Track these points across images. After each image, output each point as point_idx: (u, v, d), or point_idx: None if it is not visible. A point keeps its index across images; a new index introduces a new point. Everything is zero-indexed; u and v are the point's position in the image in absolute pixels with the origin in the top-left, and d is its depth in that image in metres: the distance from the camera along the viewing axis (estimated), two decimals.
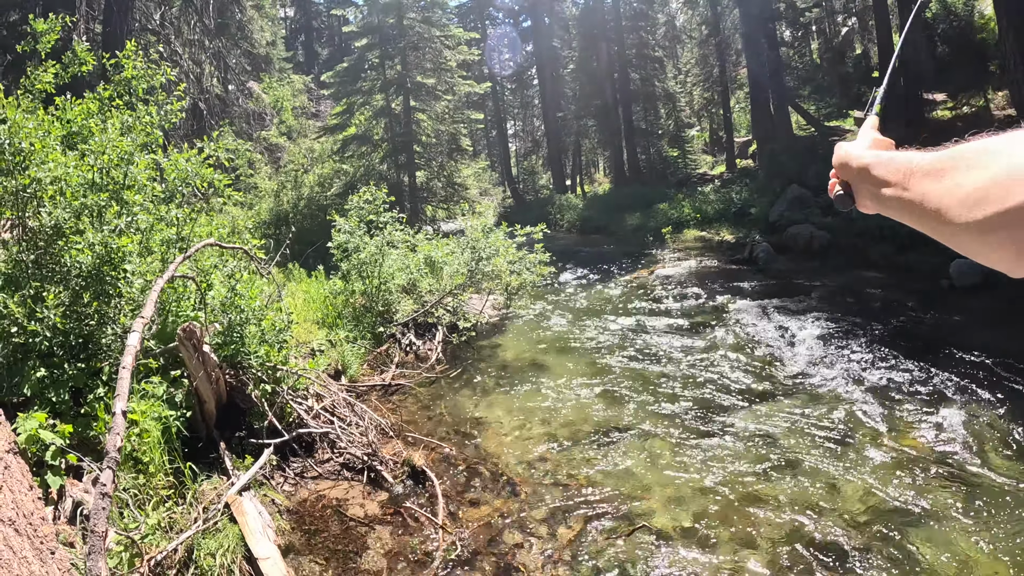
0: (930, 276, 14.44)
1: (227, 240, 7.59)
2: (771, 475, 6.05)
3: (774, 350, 10.00)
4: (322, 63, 43.92)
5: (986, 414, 7.29)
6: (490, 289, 11.87)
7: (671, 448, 6.62)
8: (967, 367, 8.91)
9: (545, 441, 6.89)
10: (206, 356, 5.51)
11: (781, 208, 22.63)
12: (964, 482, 5.85)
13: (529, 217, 25.31)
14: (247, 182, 18.18)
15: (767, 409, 7.62)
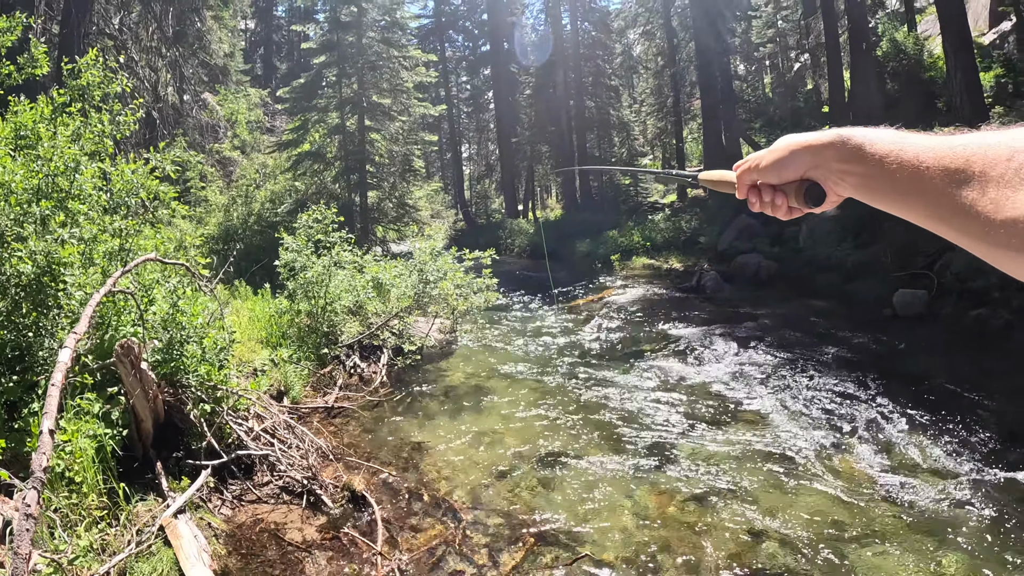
0: (874, 305, 14.80)
1: (172, 255, 7.47)
2: (715, 501, 6.09)
3: (719, 377, 10.11)
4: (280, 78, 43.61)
5: (925, 439, 7.50)
6: (437, 312, 11.82)
7: (615, 475, 6.64)
8: (909, 394, 9.16)
9: (489, 467, 6.85)
10: (144, 373, 5.39)
11: (730, 237, 22.99)
12: (903, 505, 5.99)
13: (480, 241, 25.37)
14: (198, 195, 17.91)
15: (711, 436, 7.69)
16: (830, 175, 1.13)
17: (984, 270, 12.93)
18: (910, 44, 23.31)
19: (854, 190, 1.10)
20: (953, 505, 5.97)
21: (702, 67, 32.27)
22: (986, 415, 8.37)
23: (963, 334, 12.60)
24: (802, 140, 1.16)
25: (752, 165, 1.28)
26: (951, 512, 5.83)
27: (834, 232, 19.24)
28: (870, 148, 1.03)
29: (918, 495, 6.15)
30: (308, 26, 26.02)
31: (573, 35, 43.08)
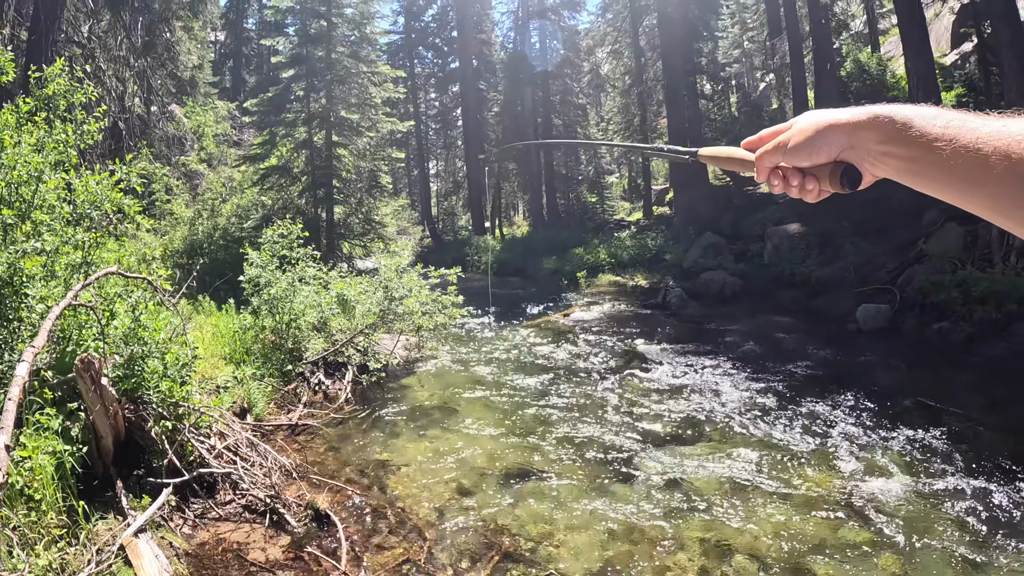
0: (838, 320, 15.07)
1: (135, 269, 7.38)
2: (682, 517, 6.12)
3: (684, 394, 10.18)
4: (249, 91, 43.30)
5: (890, 452, 7.62)
6: (402, 330, 11.78)
7: (581, 492, 6.64)
8: (874, 407, 9.36)
9: (455, 484, 6.82)
10: (104, 389, 5.31)
11: (695, 254, 23.22)
12: (870, 518, 6.06)
13: (447, 258, 25.36)
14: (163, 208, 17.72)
15: (677, 451, 7.74)
16: (868, 156, 1.07)
17: (945, 284, 13.20)
18: (873, 65, 23.85)
19: (896, 173, 1.05)
20: (919, 517, 6.07)
21: (669, 86, 32.60)
22: (950, 426, 8.58)
23: (926, 347, 12.91)
24: (833, 118, 1.09)
25: (775, 146, 1.18)
26: (917, 524, 5.93)
27: (798, 248, 19.50)
28: (917, 130, 0.97)
29: (884, 508, 6.24)
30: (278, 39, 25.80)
31: (542, 53, 43.34)
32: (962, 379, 11.08)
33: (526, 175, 44.35)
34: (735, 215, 25.99)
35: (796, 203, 24.39)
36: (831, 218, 20.17)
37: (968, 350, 12.44)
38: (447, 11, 49.01)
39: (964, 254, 14.95)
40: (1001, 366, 11.55)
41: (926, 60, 20.86)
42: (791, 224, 21.89)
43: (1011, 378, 10.96)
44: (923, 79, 20.46)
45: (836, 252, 18.84)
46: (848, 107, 1.08)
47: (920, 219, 17.54)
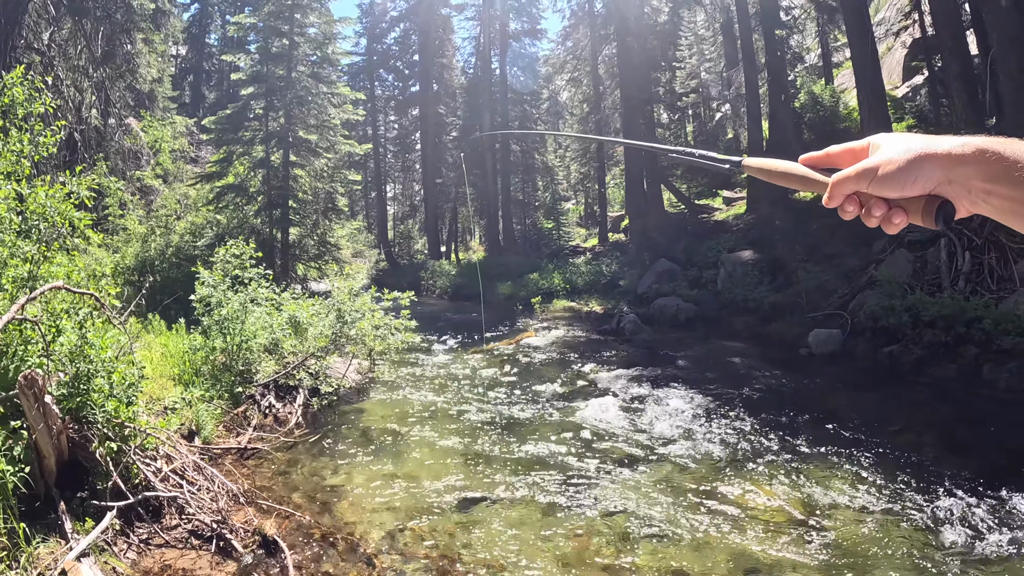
0: (791, 345, 15.29)
1: (83, 284, 7.24)
2: (634, 542, 6.13)
3: (637, 418, 10.24)
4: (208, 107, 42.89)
5: (844, 474, 7.77)
6: (354, 353, 11.70)
7: (534, 518, 6.63)
8: (826, 430, 9.58)
9: (406, 510, 6.76)
10: (48, 408, 5.19)
11: (650, 280, 23.42)
12: (820, 539, 6.12)
13: (402, 281, 25.30)
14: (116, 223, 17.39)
15: (630, 476, 7.77)
16: (968, 194, 0.98)
17: (895, 309, 13.48)
18: (827, 96, 24.42)
19: (997, 212, 0.97)
20: (868, 538, 6.16)
21: (626, 115, 33.09)
22: (900, 447, 8.84)
23: (877, 370, 13.23)
24: (929, 148, 0.99)
25: (859, 173, 1.06)
26: (867, 546, 6.01)
27: (751, 275, 19.78)
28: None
29: (835, 529, 6.34)
30: (239, 56, 25.56)
31: (502, 79, 43.60)
32: (912, 400, 11.38)
33: (483, 200, 44.45)
34: (689, 242, 26.30)
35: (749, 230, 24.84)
36: (783, 245, 20.49)
37: (918, 372, 12.77)
38: (409, 35, 49.14)
39: (913, 279, 15.32)
40: (950, 387, 11.91)
41: (878, 92, 21.52)
42: (744, 251, 22.23)
43: (960, 398, 11.34)
44: (875, 110, 21.07)
45: (788, 278, 19.15)
46: (945, 136, 1.01)
47: (871, 246, 17.97)
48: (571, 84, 44.77)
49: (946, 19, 17.95)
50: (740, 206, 30.66)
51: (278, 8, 22.82)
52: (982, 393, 11.45)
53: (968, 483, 7.39)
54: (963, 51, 18.20)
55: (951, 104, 18.60)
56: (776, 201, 25.32)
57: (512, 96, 44.39)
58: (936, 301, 13.62)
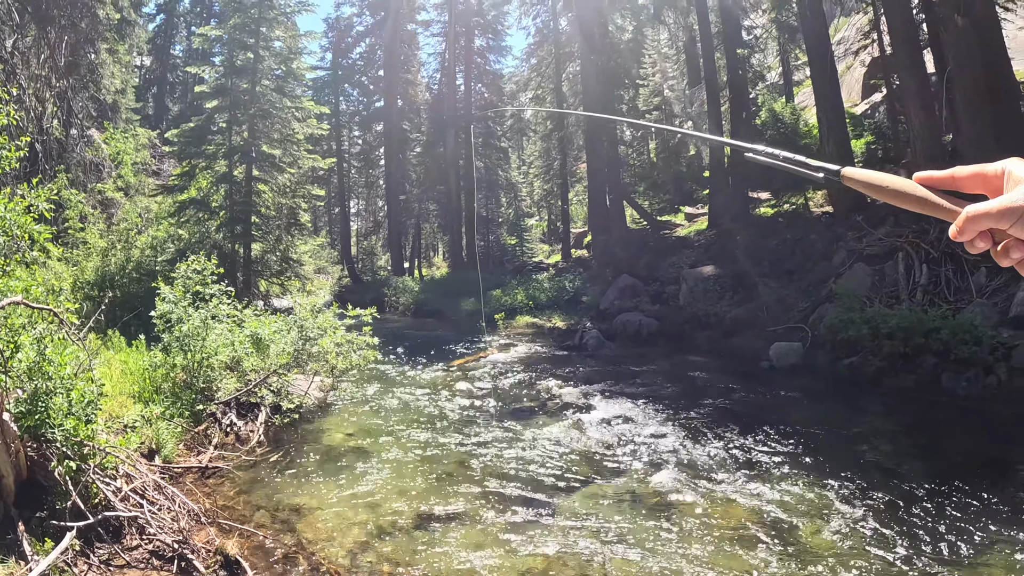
0: (752, 359, 15.49)
1: (42, 299, 7.14)
2: (599, 557, 6.18)
3: (600, 433, 10.32)
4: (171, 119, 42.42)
5: (806, 483, 7.93)
6: (316, 370, 11.63)
7: (497, 534, 6.65)
8: (787, 440, 9.75)
9: (368, 529, 6.74)
10: (6, 426, 5.13)
11: (612, 296, 23.57)
12: (786, 549, 6.24)
13: (366, 298, 25.18)
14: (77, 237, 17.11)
15: (593, 491, 7.83)
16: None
17: (855, 321, 13.72)
18: (787, 114, 24.76)
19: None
20: (831, 545, 6.29)
21: (589, 132, 33.28)
22: (862, 455, 9.15)
23: (837, 381, 13.53)
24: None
25: (1001, 211, 0.89)
26: (829, 553, 6.13)
27: (713, 290, 20.00)
28: None
29: (798, 537, 6.46)
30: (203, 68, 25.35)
31: (466, 96, 43.71)
32: (872, 410, 11.68)
33: (446, 216, 44.49)
34: (652, 258, 26.50)
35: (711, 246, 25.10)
36: (744, 260, 20.72)
37: (878, 383, 13.09)
38: (375, 50, 49.04)
39: (872, 292, 15.65)
40: (910, 397, 12.26)
41: (837, 110, 22.02)
42: (706, 266, 22.46)
43: (919, 408, 11.66)
44: (834, 127, 21.57)
45: (749, 293, 19.36)
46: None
47: (830, 260, 18.31)
48: (535, 101, 45.00)
49: (904, 38, 18.36)
50: (702, 222, 30.95)
51: (244, 21, 22.67)
52: (941, 402, 11.81)
53: (929, 489, 7.61)
54: (920, 69, 18.62)
55: (909, 121, 19.03)
56: (737, 217, 25.68)
57: (476, 113, 44.49)
58: (895, 313, 13.90)
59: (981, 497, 7.36)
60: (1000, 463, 8.72)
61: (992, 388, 11.71)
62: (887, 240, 17.22)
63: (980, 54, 16.00)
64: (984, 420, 10.81)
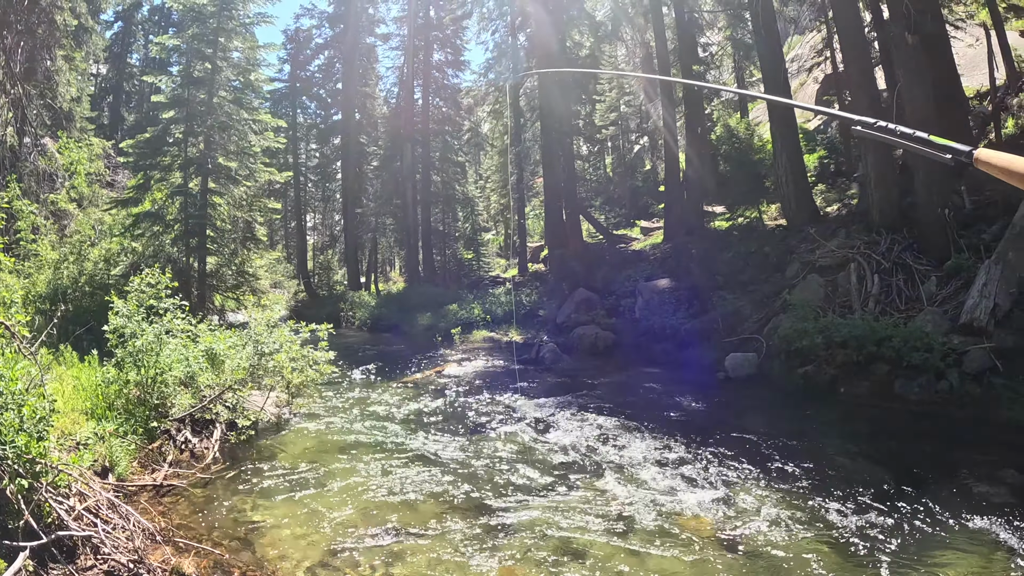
0: (708, 370, 15.69)
1: None
2: (562, 569, 6.18)
3: (558, 445, 10.37)
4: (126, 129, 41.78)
5: (762, 490, 8.08)
6: (272, 386, 11.53)
7: (457, 548, 6.65)
8: (743, 447, 9.97)
9: (328, 545, 6.71)
10: None
11: (568, 310, 23.72)
12: (743, 554, 6.36)
13: (322, 313, 25.03)
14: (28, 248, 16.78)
15: (554, 503, 7.85)
16: None
17: (809, 331, 13.97)
18: (742, 129, 25.24)
19: None
20: (788, 550, 6.41)
21: (546, 147, 33.54)
22: (818, 460, 9.34)
23: (792, 390, 13.82)
24: None
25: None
26: (786, 558, 6.25)
27: (668, 303, 20.18)
28: None
29: (756, 543, 6.57)
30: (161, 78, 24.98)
31: (424, 110, 43.75)
32: (828, 417, 11.97)
33: (403, 231, 44.39)
34: (607, 271, 26.73)
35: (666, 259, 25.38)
36: (699, 273, 20.99)
37: (833, 391, 13.41)
38: (333, 62, 48.87)
39: (825, 303, 15.99)
40: (864, 403, 12.60)
41: (789, 126, 22.48)
42: (661, 279, 22.71)
43: (873, 414, 11.95)
44: (787, 142, 22.04)
45: (704, 305, 19.63)
46: None
47: (784, 272, 18.66)
48: (492, 116, 45.16)
49: (856, 56, 18.83)
50: (657, 235, 31.33)
51: (202, 31, 22.53)
52: (894, 407, 12.16)
53: (883, 491, 7.86)
54: (871, 86, 19.09)
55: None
56: (692, 230, 26.10)
57: (434, 127, 44.52)
58: (847, 322, 14.18)
59: (935, 498, 7.61)
60: (953, 465, 8.98)
61: (944, 393, 12.08)
62: (839, 252, 17.61)
63: (930, 71, 16.46)
64: (937, 424, 11.10)
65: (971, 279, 13.72)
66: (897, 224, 17.18)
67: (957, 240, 15.17)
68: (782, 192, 22.80)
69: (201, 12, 22.46)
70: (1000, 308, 12.70)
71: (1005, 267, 13.05)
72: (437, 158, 45.09)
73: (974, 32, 24.50)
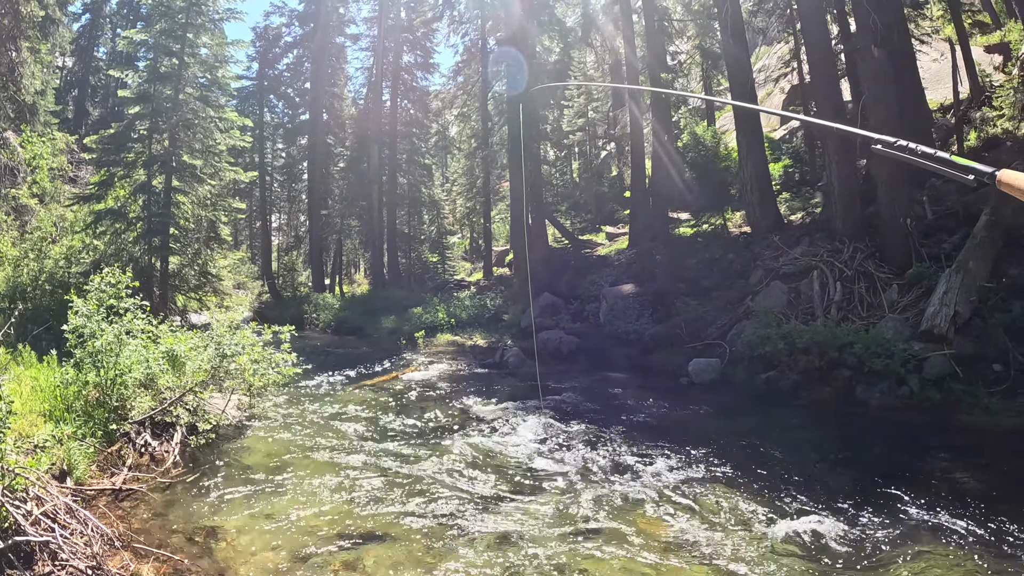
0: (672, 374, 15.84)
1: None
2: (523, 573, 6.17)
3: (521, 449, 10.42)
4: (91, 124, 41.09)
5: (724, 494, 8.19)
6: (233, 388, 11.42)
7: (418, 553, 6.65)
8: (704, 453, 10.00)
9: (290, 550, 6.65)
10: None
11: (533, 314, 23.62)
12: (704, 558, 6.39)
13: (285, 314, 24.91)
14: None
15: (516, 507, 7.89)
16: None
17: (772, 337, 14.15)
18: (708, 137, 25.49)
19: None
20: (749, 554, 6.48)
21: (512, 151, 33.57)
22: (779, 464, 9.46)
23: (755, 396, 14.00)
24: None
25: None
26: (747, 562, 6.29)
27: (632, 308, 20.29)
28: None
29: (716, 547, 6.62)
30: (127, 73, 24.61)
31: (392, 111, 43.65)
32: (790, 422, 12.15)
33: (368, 233, 44.23)
34: (572, 276, 26.82)
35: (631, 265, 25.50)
36: (664, 279, 21.15)
37: (795, 396, 13.64)
38: (302, 61, 48.54)
39: (788, 309, 16.24)
40: (826, 408, 12.84)
41: (756, 135, 22.80)
42: (626, 285, 22.83)
43: (835, 418, 12.19)
44: (753, 150, 22.34)
45: (668, 311, 19.77)
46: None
47: (748, 279, 18.90)
48: (460, 119, 45.21)
49: (822, 67, 19.11)
50: (622, 241, 31.45)
51: (170, 26, 22.25)
52: (856, 412, 12.40)
53: (844, 494, 8.03)
54: (837, 97, 19.40)
55: (824, 146, 19.90)
56: (657, 236, 26.27)
57: (401, 129, 44.42)
58: (810, 329, 14.42)
59: (895, 501, 7.76)
60: (913, 468, 9.15)
61: (905, 398, 12.35)
62: (803, 259, 17.89)
63: (895, 83, 16.75)
64: (897, 428, 11.29)
65: (932, 287, 14.02)
66: (860, 233, 17.48)
67: (919, 249, 15.45)
68: (747, 200, 23.05)
69: (170, 6, 22.19)
70: (960, 316, 12.98)
71: (966, 276, 13.35)
72: (404, 160, 44.98)
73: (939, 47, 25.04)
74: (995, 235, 14.12)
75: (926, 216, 16.42)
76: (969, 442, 10.20)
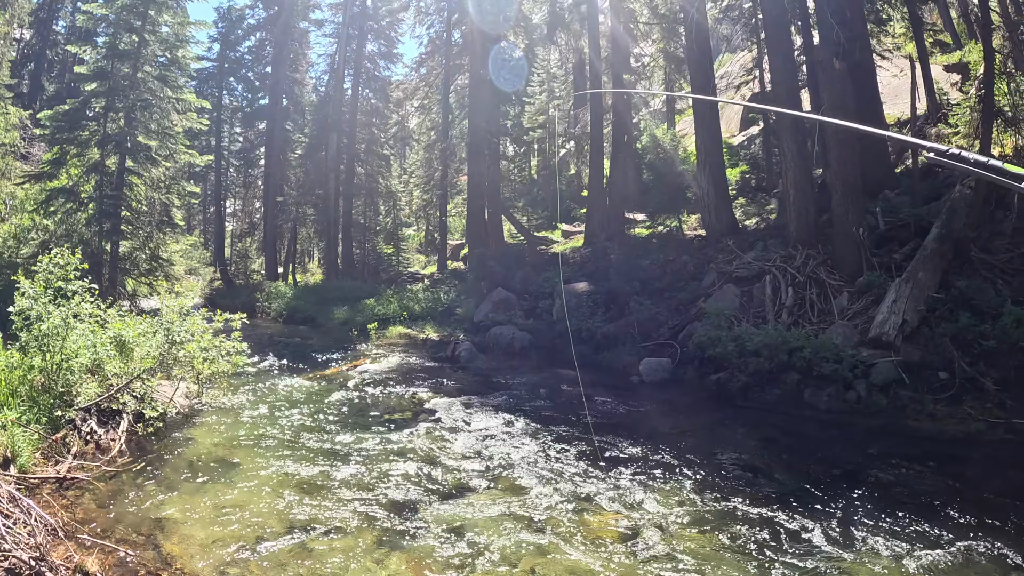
0: (623, 373, 16.00)
1: None
2: (470, 567, 6.26)
3: (470, 444, 10.45)
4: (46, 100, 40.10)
5: (668, 492, 8.27)
6: (182, 376, 11.28)
7: (368, 544, 6.66)
8: (652, 451, 10.12)
9: (238, 541, 6.60)
10: None
11: (486, 309, 23.81)
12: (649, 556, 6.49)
13: (237, 302, 24.65)
14: None
15: (464, 502, 7.94)
16: None
17: (722, 339, 14.36)
18: (667, 140, 25.76)
19: None
20: (696, 552, 6.53)
21: (472, 145, 33.65)
22: (727, 464, 9.62)
23: (705, 396, 14.25)
24: None
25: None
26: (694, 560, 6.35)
27: (585, 306, 20.43)
28: None
29: (661, 545, 6.73)
30: (85, 48, 24.12)
31: (353, 100, 43.36)
32: (739, 423, 12.35)
33: (323, 222, 43.90)
34: (527, 273, 26.87)
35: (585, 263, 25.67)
36: (618, 279, 21.30)
37: (744, 397, 13.83)
38: (264, 45, 47.99)
39: (740, 312, 16.54)
40: (774, 410, 12.99)
41: (715, 140, 23.20)
42: (580, 283, 22.95)
43: (783, 420, 12.34)
44: (711, 155, 22.76)
45: (621, 310, 19.93)
46: None
47: (701, 281, 19.23)
48: (420, 111, 45.10)
49: (784, 77, 19.40)
50: (578, 239, 31.64)
51: (132, 2, 21.88)
52: (804, 415, 12.62)
53: (790, 495, 8.19)
54: (795, 105, 19.68)
55: (782, 153, 20.13)
56: (612, 236, 26.51)
57: (361, 118, 44.15)
58: (760, 332, 14.61)
59: (841, 502, 7.92)
60: (859, 471, 9.31)
61: (852, 403, 12.60)
62: (756, 264, 18.16)
63: (854, 96, 17.06)
64: (844, 432, 11.48)
65: (881, 296, 14.36)
66: (813, 240, 17.82)
67: (870, 258, 15.78)
68: (703, 203, 23.35)
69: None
70: (908, 324, 13.32)
71: (915, 286, 13.69)
72: (363, 150, 44.67)
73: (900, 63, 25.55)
74: (945, 248, 14.50)
75: (878, 226, 16.72)
76: (914, 447, 10.42)
